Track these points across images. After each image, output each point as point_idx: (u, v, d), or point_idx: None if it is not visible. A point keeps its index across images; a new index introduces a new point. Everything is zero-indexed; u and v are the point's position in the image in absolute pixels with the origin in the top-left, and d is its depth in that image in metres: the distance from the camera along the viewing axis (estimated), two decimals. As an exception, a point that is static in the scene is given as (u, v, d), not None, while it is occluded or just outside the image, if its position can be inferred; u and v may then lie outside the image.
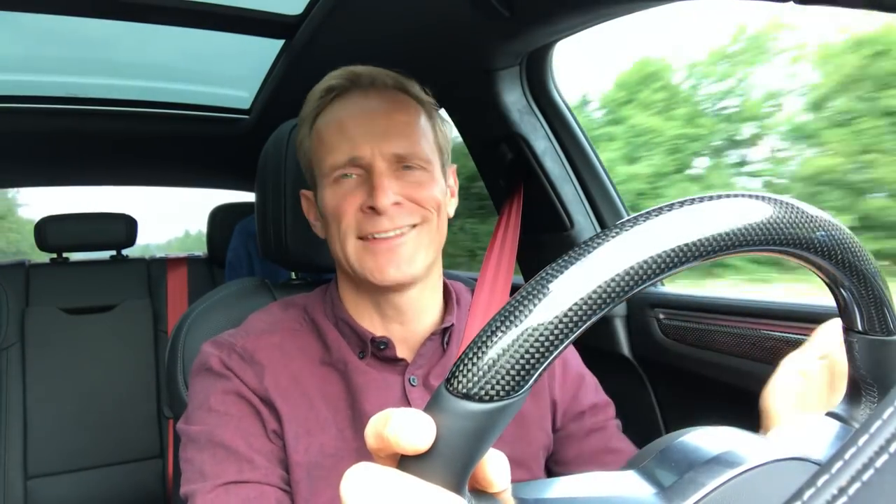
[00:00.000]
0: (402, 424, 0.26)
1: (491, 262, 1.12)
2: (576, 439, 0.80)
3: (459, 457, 0.27)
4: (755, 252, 0.31)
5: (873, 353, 0.39)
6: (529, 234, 1.28)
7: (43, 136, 1.81)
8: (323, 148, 0.72)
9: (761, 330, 0.93)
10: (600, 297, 0.27)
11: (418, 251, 0.71)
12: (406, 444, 0.26)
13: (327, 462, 0.68)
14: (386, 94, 0.74)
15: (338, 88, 0.74)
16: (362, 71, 0.74)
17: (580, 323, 0.27)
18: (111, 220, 2.18)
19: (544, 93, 1.26)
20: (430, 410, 0.27)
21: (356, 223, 0.70)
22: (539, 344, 0.27)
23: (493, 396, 0.27)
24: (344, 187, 0.71)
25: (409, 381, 0.74)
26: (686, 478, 0.32)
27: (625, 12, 0.99)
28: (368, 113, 0.71)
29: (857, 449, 0.20)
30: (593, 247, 0.28)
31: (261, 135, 1.12)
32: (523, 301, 0.27)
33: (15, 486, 1.85)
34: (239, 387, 0.68)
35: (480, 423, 0.27)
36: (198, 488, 0.63)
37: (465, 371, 0.27)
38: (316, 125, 0.74)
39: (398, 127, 0.71)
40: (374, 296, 0.74)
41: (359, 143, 0.69)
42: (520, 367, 0.27)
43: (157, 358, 2.08)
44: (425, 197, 0.71)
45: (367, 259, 0.70)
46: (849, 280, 0.35)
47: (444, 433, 0.27)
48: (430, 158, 0.74)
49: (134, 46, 1.41)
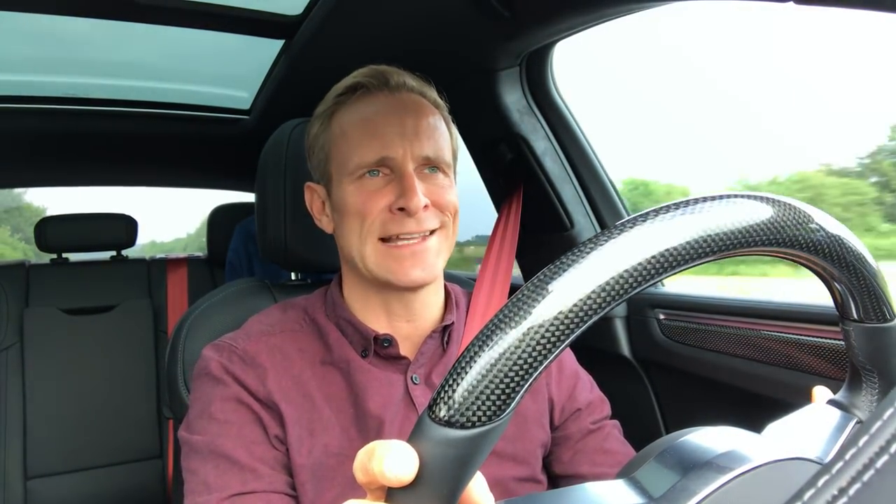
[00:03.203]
0: (384, 457, 0.26)
1: (490, 261, 1.12)
2: (573, 441, 0.80)
3: (446, 485, 0.27)
4: (752, 253, 0.31)
5: (871, 340, 0.39)
6: (529, 234, 1.28)
7: (43, 136, 1.81)
8: (347, 144, 0.71)
9: (761, 330, 0.93)
10: (577, 315, 0.27)
11: (439, 255, 0.72)
12: (390, 475, 0.26)
13: (331, 462, 0.68)
14: (412, 96, 0.74)
15: (365, 86, 0.73)
16: (390, 71, 0.74)
17: (558, 344, 0.27)
18: (111, 220, 2.18)
19: (544, 93, 1.26)
20: (413, 439, 0.27)
21: (381, 223, 0.69)
22: (518, 367, 0.26)
23: (475, 423, 0.27)
24: (370, 186, 0.70)
25: (412, 380, 0.74)
26: (678, 485, 0.32)
27: (625, 12, 0.99)
28: (400, 114, 0.71)
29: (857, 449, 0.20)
30: (566, 266, 0.27)
31: (261, 135, 1.12)
32: (500, 324, 0.27)
33: (15, 487, 1.85)
34: (239, 392, 0.68)
35: (464, 450, 0.27)
36: (203, 501, 0.62)
37: (446, 398, 0.27)
38: (338, 120, 0.73)
39: (427, 129, 0.71)
40: (384, 294, 0.74)
41: (390, 143, 0.69)
42: (500, 392, 0.26)
43: (157, 358, 2.08)
44: (447, 202, 0.72)
45: (388, 260, 0.69)
46: (843, 273, 0.35)
47: (429, 462, 0.27)
48: (451, 163, 0.75)
49: (134, 47, 1.41)
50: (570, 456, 0.80)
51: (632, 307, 1.20)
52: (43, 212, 4.67)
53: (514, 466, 0.75)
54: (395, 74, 0.74)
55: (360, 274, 0.74)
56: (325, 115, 0.75)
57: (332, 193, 0.74)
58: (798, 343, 0.86)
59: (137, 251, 2.31)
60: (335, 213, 0.74)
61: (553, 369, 0.82)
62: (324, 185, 0.77)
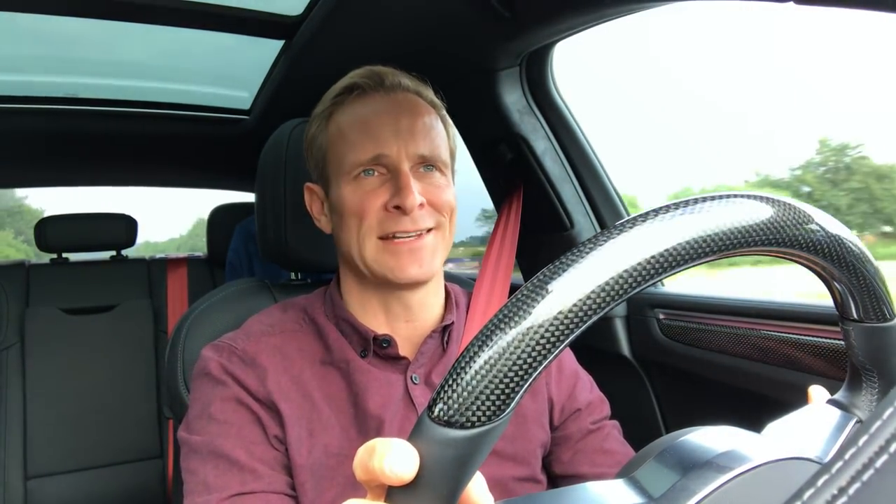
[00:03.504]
0: (384, 455, 0.26)
1: (490, 261, 1.12)
2: (572, 441, 0.80)
3: (445, 484, 0.27)
4: (752, 253, 0.31)
5: (870, 339, 0.39)
6: (529, 234, 1.28)
7: (43, 136, 1.80)
8: (344, 144, 0.72)
9: (761, 330, 0.93)
10: (575, 317, 0.27)
11: (436, 253, 0.72)
12: (390, 473, 0.26)
13: (331, 462, 0.68)
14: (408, 95, 0.74)
15: (361, 87, 0.74)
16: (385, 71, 0.74)
17: (558, 343, 0.27)
18: (111, 220, 2.18)
19: (544, 93, 1.26)
20: (413, 439, 0.27)
21: (378, 222, 0.70)
22: (517, 367, 0.26)
23: (475, 422, 0.27)
24: (366, 185, 0.70)
25: (412, 380, 0.74)
26: (678, 485, 0.32)
27: (625, 12, 0.99)
28: (395, 113, 0.71)
29: (857, 449, 0.20)
30: (566, 266, 0.27)
31: (261, 135, 1.12)
32: (499, 324, 0.27)
33: (15, 486, 1.85)
34: (239, 393, 0.68)
35: (464, 450, 0.27)
36: (203, 501, 0.62)
37: (446, 398, 0.27)
38: (335, 121, 0.74)
39: (422, 129, 0.72)
40: (382, 293, 0.74)
41: (385, 141, 0.69)
42: (500, 392, 0.26)
43: (157, 358, 2.08)
44: (443, 202, 0.72)
45: (387, 258, 0.70)
46: (843, 273, 0.35)
47: (429, 462, 0.27)
48: (447, 162, 0.75)
49: (134, 47, 1.41)
50: (569, 456, 0.80)
51: (632, 307, 1.20)
52: (41, 213, 4.67)
53: (514, 466, 0.75)
54: (390, 75, 0.74)
55: (358, 273, 0.74)
56: (322, 116, 0.76)
57: (329, 193, 0.75)
58: (798, 343, 0.86)
59: (132, 251, 2.31)
60: (333, 213, 0.75)
61: (553, 369, 0.82)
62: (322, 186, 0.77)
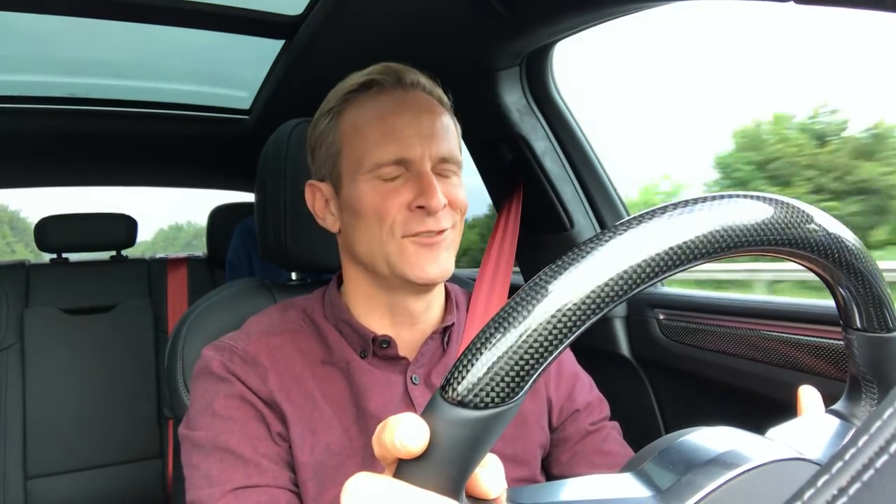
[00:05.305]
0: (395, 428, 0.27)
1: (490, 261, 1.12)
2: (571, 442, 0.80)
3: (455, 463, 0.27)
4: (754, 253, 0.31)
5: (872, 349, 0.39)
6: (529, 235, 1.28)
7: (43, 136, 1.80)
8: (363, 142, 0.70)
9: (761, 330, 0.93)
10: (595, 301, 0.27)
11: (451, 252, 0.72)
12: (399, 446, 0.26)
13: (333, 461, 0.68)
14: (425, 95, 0.74)
15: (380, 83, 0.72)
16: (402, 69, 0.73)
17: (575, 328, 0.27)
18: (111, 220, 2.18)
19: (544, 93, 1.26)
20: (425, 417, 0.27)
21: (402, 221, 0.69)
22: (534, 350, 0.27)
23: (489, 403, 0.27)
24: (387, 185, 0.69)
25: (412, 380, 0.74)
26: (684, 480, 0.32)
27: (625, 12, 0.99)
28: (417, 113, 0.71)
29: (857, 449, 0.20)
30: (589, 250, 0.28)
31: (261, 135, 1.12)
32: (517, 307, 0.27)
33: (15, 486, 1.85)
34: (242, 390, 0.68)
35: (475, 431, 0.27)
36: (206, 495, 0.62)
37: (460, 378, 0.27)
38: (348, 118, 0.72)
39: (441, 130, 0.71)
40: (391, 296, 0.73)
41: (409, 143, 0.69)
42: (514, 374, 0.27)
43: (158, 358, 2.08)
44: (461, 201, 0.72)
45: (408, 256, 0.69)
46: (847, 278, 0.35)
47: (440, 440, 0.27)
48: (461, 162, 0.75)
49: (134, 47, 1.41)
50: (568, 457, 0.80)
51: (632, 307, 1.20)
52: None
53: (514, 467, 0.75)
54: (408, 73, 0.73)
55: (370, 273, 0.73)
56: (333, 111, 0.73)
57: (341, 191, 0.73)
58: (798, 343, 0.86)
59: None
60: (345, 212, 0.73)
61: (552, 370, 0.82)
62: (330, 183, 0.75)
